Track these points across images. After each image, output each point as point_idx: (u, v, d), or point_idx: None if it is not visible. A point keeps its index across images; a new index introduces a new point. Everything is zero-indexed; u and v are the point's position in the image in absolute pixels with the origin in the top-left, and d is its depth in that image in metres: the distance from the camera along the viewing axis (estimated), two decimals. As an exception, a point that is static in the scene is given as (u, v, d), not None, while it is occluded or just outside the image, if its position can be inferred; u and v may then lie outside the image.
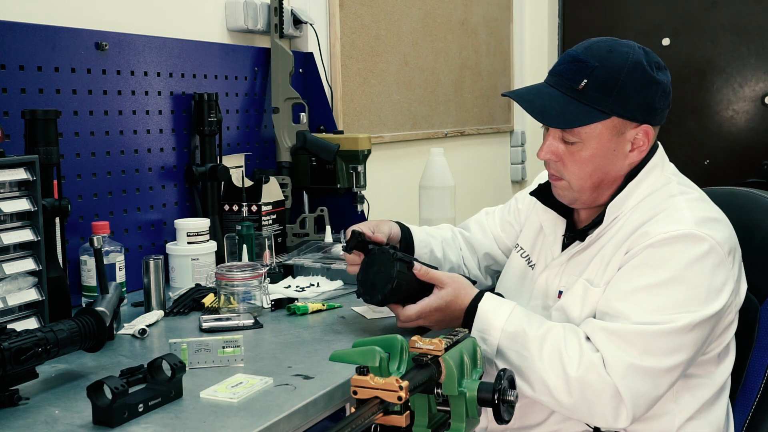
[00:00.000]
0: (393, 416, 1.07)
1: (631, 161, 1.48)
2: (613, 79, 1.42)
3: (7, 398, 1.18)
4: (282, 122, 2.41)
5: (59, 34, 1.80)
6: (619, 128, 1.45)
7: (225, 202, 2.20)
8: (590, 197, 1.50)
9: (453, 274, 1.52)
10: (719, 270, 1.37)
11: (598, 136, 1.44)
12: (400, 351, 1.14)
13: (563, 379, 1.33)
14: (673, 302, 1.34)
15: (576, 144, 1.45)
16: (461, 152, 3.76)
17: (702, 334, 1.36)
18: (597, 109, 1.42)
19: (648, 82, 1.44)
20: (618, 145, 1.45)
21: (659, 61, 1.48)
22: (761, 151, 4.16)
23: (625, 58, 1.43)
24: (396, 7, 3.18)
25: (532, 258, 1.63)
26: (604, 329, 1.35)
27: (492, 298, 1.46)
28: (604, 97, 1.42)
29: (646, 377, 1.33)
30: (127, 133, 1.98)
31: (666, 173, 1.51)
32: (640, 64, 1.43)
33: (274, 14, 2.39)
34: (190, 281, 1.94)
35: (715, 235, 1.37)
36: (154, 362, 1.21)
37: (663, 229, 1.38)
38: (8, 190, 1.45)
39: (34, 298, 1.47)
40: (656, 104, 1.45)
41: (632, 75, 1.42)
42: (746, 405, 1.55)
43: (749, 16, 4.16)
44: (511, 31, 4.25)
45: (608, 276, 1.43)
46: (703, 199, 1.48)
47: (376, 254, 1.53)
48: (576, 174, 1.48)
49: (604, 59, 1.43)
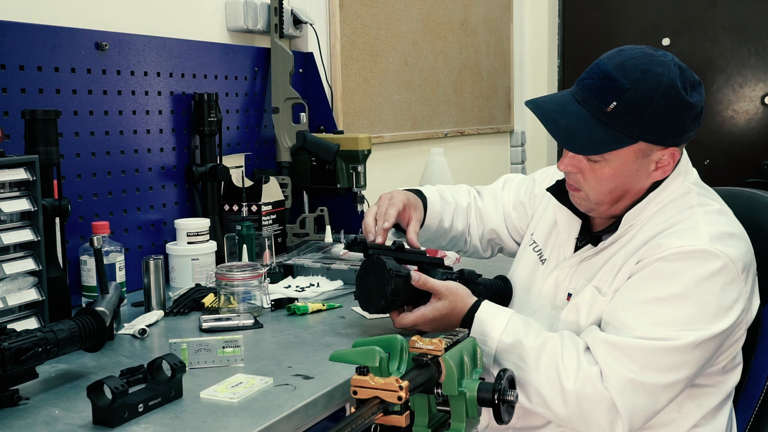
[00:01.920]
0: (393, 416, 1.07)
1: (653, 179, 1.43)
2: (644, 104, 1.34)
3: (7, 398, 1.18)
4: (282, 122, 2.41)
5: (59, 34, 1.80)
6: (645, 151, 1.39)
7: (225, 202, 2.20)
8: (608, 210, 1.47)
9: (451, 285, 1.48)
10: (731, 288, 1.33)
11: (623, 158, 1.39)
12: (400, 351, 1.14)
13: (559, 391, 1.32)
14: (679, 318, 1.32)
15: (599, 162, 1.40)
16: (461, 152, 3.76)
17: (707, 353, 1.33)
18: (624, 134, 1.36)
19: (681, 106, 1.36)
20: (642, 166, 1.40)
21: (695, 79, 1.39)
22: (761, 151, 4.16)
23: (659, 80, 1.35)
24: (396, 7, 3.18)
25: (543, 253, 1.60)
26: (605, 341, 1.33)
27: (489, 307, 1.45)
28: (632, 122, 1.35)
29: (645, 392, 1.31)
30: (127, 133, 1.98)
31: (687, 182, 1.45)
32: (674, 87, 1.35)
33: (274, 14, 2.39)
34: (190, 281, 1.94)
35: (730, 252, 1.33)
36: (154, 362, 1.21)
37: (677, 243, 1.34)
38: (8, 190, 1.45)
39: (34, 298, 1.47)
40: (687, 128, 1.39)
41: (664, 99, 1.34)
42: (749, 407, 1.54)
43: (749, 16, 4.16)
44: (511, 31, 4.26)
45: (617, 284, 1.40)
46: (723, 212, 1.43)
47: (374, 264, 1.49)
48: (595, 189, 1.43)
49: (637, 81, 1.35)
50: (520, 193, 1.79)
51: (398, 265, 1.49)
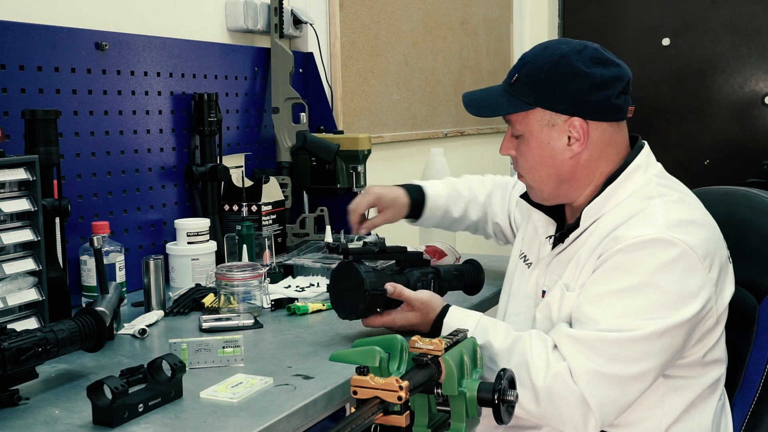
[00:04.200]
0: (393, 416, 1.07)
1: (572, 154, 1.47)
2: (537, 73, 1.46)
3: (7, 398, 1.18)
4: (282, 122, 2.41)
5: (59, 34, 1.80)
6: (549, 120, 1.47)
7: (225, 202, 2.20)
8: (549, 193, 1.53)
9: (425, 297, 1.50)
10: (692, 275, 1.34)
11: (532, 128, 1.48)
12: (400, 351, 1.14)
13: (530, 389, 1.33)
14: (641, 308, 1.33)
15: (521, 138, 1.51)
16: (461, 152, 3.76)
17: (674, 341, 1.34)
18: (522, 101, 1.47)
19: (574, 74, 1.43)
20: (551, 138, 1.47)
21: (604, 57, 1.46)
22: (761, 151, 4.16)
23: (554, 52, 1.46)
24: (396, 7, 3.18)
25: (529, 257, 1.64)
26: (570, 337, 1.35)
27: (457, 312, 1.47)
28: (528, 90, 1.47)
29: (613, 385, 1.32)
30: (127, 133, 1.98)
31: (648, 174, 1.48)
32: (567, 57, 1.44)
33: (274, 14, 2.39)
34: (190, 281, 1.94)
35: (688, 239, 1.34)
36: (154, 362, 1.21)
37: (633, 234, 1.36)
38: (8, 190, 1.45)
39: (34, 298, 1.47)
40: (587, 97, 1.44)
41: (556, 69, 1.44)
42: (745, 404, 1.54)
43: (749, 16, 4.16)
44: (511, 31, 4.26)
45: (583, 279, 1.43)
46: (683, 201, 1.44)
47: (352, 273, 1.48)
48: (525, 167, 1.53)
49: (536, 55, 1.49)
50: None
51: (375, 280, 1.48)
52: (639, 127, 1.63)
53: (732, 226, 1.57)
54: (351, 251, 1.53)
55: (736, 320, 1.51)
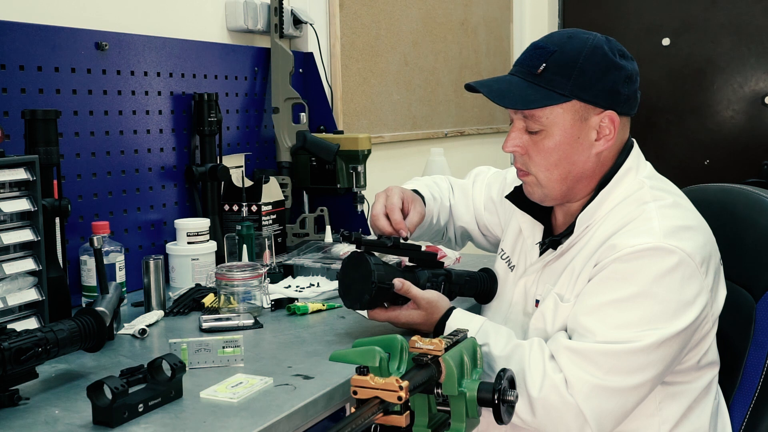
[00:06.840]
0: (393, 416, 1.07)
1: (597, 150, 1.42)
2: (572, 63, 1.38)
3: (7, 398, 1.18)
4: (282, 122, 2.41)
5: (59, 34, 1.80)
6: (582, 113, 1.39)
7: (225, 202, 2.20)
8: (559, 192, 1.45)
9: (432, 297, 1.49)
10: (690, 282, 1.32)
11: (561, 122, 1.40)
12: (400, 351, 1.14)
13: (526, 399, 1.32)
14: (640, 319, 1.30)
15: (540, 133, 1.41)
16: (461, 152, 3.76)
17: (671, 350, 1.32)
18: (556, 92, 1.38)
19: (609, 66, 1.39)
20: (582, 133, 1.40)
21: (623, 49, 1.43)
22: (761, 151, 4.16)
23: (584, 42, 1.39)
24: (396, 7, 3.18)
25: (512, 260, 1.61)
26: (568, 348, 1.33)
27: (460, 316, 1.46)
28: (563, 80, 1.38)
29: (612, 396, 1.31)
30: (127, 133, 1.98)
31: (639, 176, 1.44)
32: (600, 48, 1.39)
33: (274, 14, 2.39)
34: (190, 281, 1.94)
35: (686, 246, 1.32)
36: (154, 362, 1.21)
37: (630, 242, 1.33)
38: (8, 190, 1.45)
39: (34, 298, 1.47)
40: (620, 90, 1.40)
41: (592, 59, 1.38)
42: (744, 404, 1.54)
43: (749, 16, 4.16)
44: (511, 31, 4.26)
45: (578, 288, 1.40)
46: (678, 205, 1.41)
47: (362, 265, 1.48)
48: (542, 165, 1.43)
49: (564, 44, 1.40)
50: (492, 191, 1.80)
51: (384, 273, 1.48)
52: (639, 127, 1.63)
53: (728, 224, 1.56)
54: (364, 242, 1.52)
55: (733, 319, 1.50)
